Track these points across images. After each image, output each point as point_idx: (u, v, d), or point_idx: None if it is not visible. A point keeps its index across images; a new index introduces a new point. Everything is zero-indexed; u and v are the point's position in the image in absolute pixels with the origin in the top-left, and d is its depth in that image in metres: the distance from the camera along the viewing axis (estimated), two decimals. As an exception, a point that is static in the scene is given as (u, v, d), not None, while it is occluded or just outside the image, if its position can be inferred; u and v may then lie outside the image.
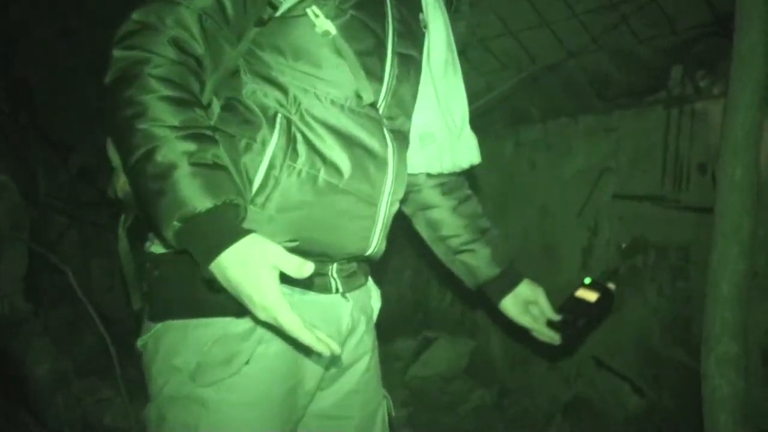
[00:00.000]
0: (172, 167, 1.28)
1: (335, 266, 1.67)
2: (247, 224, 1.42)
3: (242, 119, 1.51)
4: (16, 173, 4.15)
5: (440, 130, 1.85)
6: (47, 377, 3.89)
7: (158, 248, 1.54)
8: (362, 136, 1.59)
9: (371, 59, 1.59)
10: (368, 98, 1.56)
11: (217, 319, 1.48)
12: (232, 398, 1.48)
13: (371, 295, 1.89)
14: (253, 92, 1.53)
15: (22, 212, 4.10)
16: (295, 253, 1.45)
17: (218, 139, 1.43)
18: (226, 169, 1.36)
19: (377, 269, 1.95)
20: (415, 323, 5.52)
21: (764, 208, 2.38)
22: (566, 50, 3.53)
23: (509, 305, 2.04)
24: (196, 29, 1.39)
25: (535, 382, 4.19)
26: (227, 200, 1.31)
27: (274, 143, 1.48)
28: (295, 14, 1.50)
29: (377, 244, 1.69)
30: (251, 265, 1.26)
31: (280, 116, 1.50)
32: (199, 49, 1.41)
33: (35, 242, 4.11)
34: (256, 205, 1.47)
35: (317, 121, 1.53)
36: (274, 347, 1.52)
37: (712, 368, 2.28)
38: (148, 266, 1.57)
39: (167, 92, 1.32)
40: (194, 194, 1.27)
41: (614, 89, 3.60)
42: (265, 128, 1.50)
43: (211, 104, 1.54)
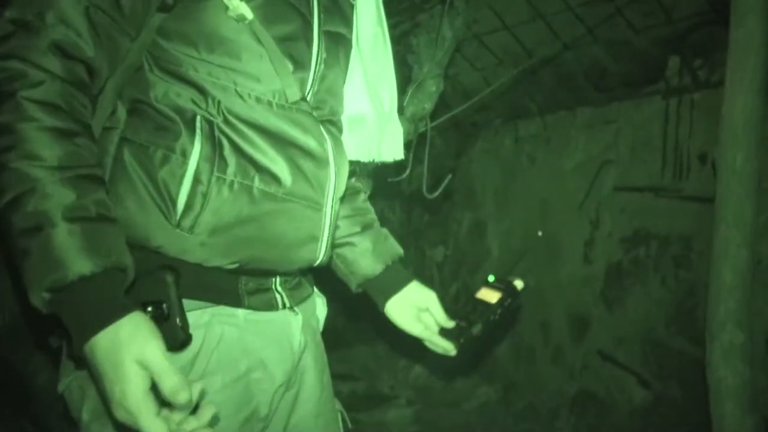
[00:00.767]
0: (44, 222, 1.06)
1: (278, 279, 1.49)
2: (174, 251, 1.28)
3: (155, 126, 1.29)
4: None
5: (370, 114, 1.65)
6: (48, 386, 3.87)
7: None
8: (295, 133, 1.38)
9: (297, 44, 1.39)
10: (293, 96, 1.36)
11: None
12: None
13: (317, 303, 1.70)
14: (164, 93, 1.30)
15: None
16: (238, 273, 1.38)
17: (128, 151, 1.28)
18: (111, 221, 1.15)
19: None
20: (418, 321, 5.51)
21: (765, 194, 2.37)
22: (562, 43, 3.52)
23: (395, 311, 1.74)
24: (83, 25, 1.16)
25: (539, 376, 4.18)
26: (110, 265, 1.09)
27: (197, 153, 1.27)
28: None
29: (326, 251, 1.50)
30: (120, 354, 1.04)
31: (199, 119, 1.29)
32: (88, 50, 1.18)
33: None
34: (183, 228, 1.27)
35: (243, 122, 1.32)
36: (219, 380, 1.34)
37: (717, 357, 2.27)
38: None
39: (46, 121, 1.10)
40: (70, 258, 1.06)
41: (611, 80, 3.60)
42: (184, 135, 1.28)
43: (115, 110, 1.31)
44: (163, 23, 1.28)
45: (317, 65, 1.44)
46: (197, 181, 1.27)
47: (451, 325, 1.68)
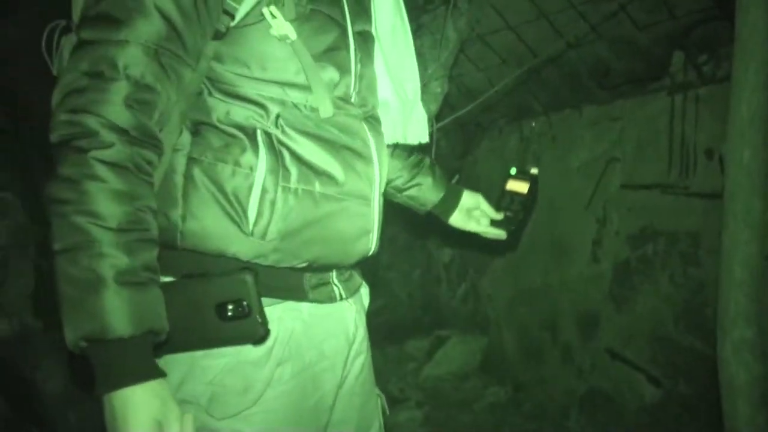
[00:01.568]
0: (96, 281, 1.15)
1: (335, 272, 1.59)
2: (250, 256, 1.39)
3: (221, 144, 1.38)
4: (19, 191, 4.15)
5: (393, 100, 1.77)
6: (58, 394, 3.89)
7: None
8: (345, 136, 1.50)
9: (339, 53, 1.49)
10: (326, 112, 1.45)
11: (227, 348, 1.38)
12: (253, 428, 1.41)
13: (363, 293, 1.81)
14: (225, 113, 1.39)
15: (27, 229, 4.10)
16: (303, 271, 1.50)
17: (197, 169, 1.37)
18: (155, 284, 1.23)
19: (386, 271, 1.93)
20: (426, 323, 5.52)
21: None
22: (566, 42, 3.51)
23: (457, 219, 2.14)
24: (153, 69, 1.25)
25: (549, 375, 4.17)
26: (147, 329, 1.18)
27: (262, 165, 1.37)
28: (253, 20, 1.37)
29: (376, 241, 1.63)
30: (140, 409, 1.16)
31: (260, 133, 1.39)
32: (159, 90, 1.26)
33: (42, 259, 4.11)
34: (256, 236, 1.38)
35: (299, 131, 1.42)
36: (289, 369, 1.45)
37: (728, 354, 2.26)
38: None
39: (112, 183, 1.18)
40: (113, 320, 1.14)
41: (616, 78, 3.59)
42: (248, 150, 1.37)
43: (180, 134, 1.39)
44: (216, 49, 1.38)
45: (356, 66, 1.54)
46: (265, 191, 1.38)
47: (499, 216, 2.10)
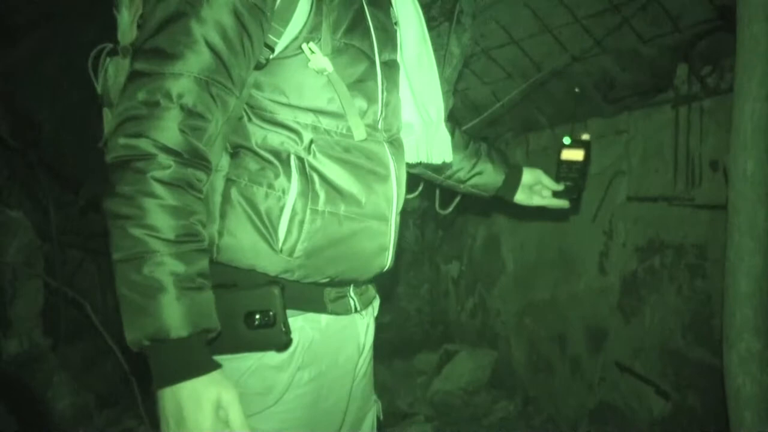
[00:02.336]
0: (157, 287, 1.27)
1: (352, 286, 1.68)
2: (277, 271, 1.49)
3: (257, 167, 1.49)
4: (29, 210, 4.18)
5: (417, 122, 1.85)
6: (69, 411, 3.91)
7: None
8: (370, 162, 1.59)
9: (369, 84, 1.59)
10: (360, 135, 1.55)
11: (252, 353, 1.49)
12: (271, 428, 1.50)
13: (374, 306, 1.88)
14: (263, 139, 1.49)
15: (36, 248, 4.13)
16: (326, 285, 1.59)
17: (235, 190, 1.48)
18: (208, 288, 1.35)
19: (394, 287, 1.94)
20: (435, 337, 5.52)
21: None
22: (570, 55, 3.52)
23: (520, 197, 2.22)
24: (203, 99, 1.35)
25: (558, 389, 4.16)
26: (202, 328, 1.31)
27: (294, 189, 1.47)
28: (291, 53, 1.47)
29: (392, 257, 1.71)
30: (202, 396, 1.28)
31: (293, 158, 1.48)
32: (209, 116, 1.36)
33: (51, 277, 4.13)
34: (284, 253, 1.48)
35: (329, 156, 1.52)
36: (307, 374, 1.55)
37: (734, 365, 2.26)
38: None
39: (168, 200, 1.29)
40: (174, 321, 1.27)
41: (620, 90, 3.59)
42: (282, 175, 1.48)
43: (222, 156, 1.51)
44: (257, 78, 1.48)
45: (383, 95, 1.64)
46: (295, 213, 1.48)
47: (561, 187, 2.17)
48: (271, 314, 1.43)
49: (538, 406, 4.32)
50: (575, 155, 2.16)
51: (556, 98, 4.00)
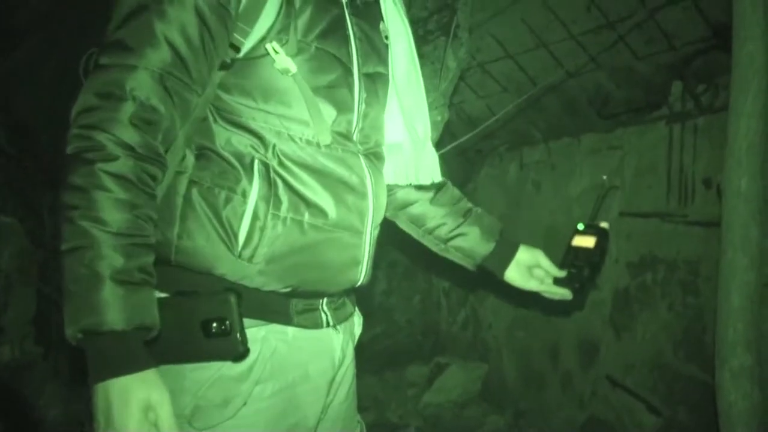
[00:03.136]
0: (94, 279, 1.25)
1: (325, 300, 1.64)
2: (236, 278, 1.46)
3: (219, 170, 1.47)
4: (22, 216, 4.16)
5: (406, 142, 1.80)
6: (60, 420, 3.88)
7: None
8: (340, 171, 1.56)
9: (340, 91, 1.56)
10: (325, 140, 1.52)
11: (213, 363, 1.45)
12: None
13: (355, 322, 1.84)
14: (227, 141, 1.48)
15: (29, 255, 4.11)
16: (290, 296, 1.55)
17: (196, 192, 1.46)
18: (149, 285, 1.33)
19: (386, 297, 1.91)
20: (426, 349, 5.51)
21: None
22: (565, 70, 3.54)
23: (513, 275, 1.99)
24: (158, 92, 1.35)
25: (549, 403, 4.16)
26: (138, 324, 1.28)
27: (255, 193, 1.45)
28: (258, 54, 1.45)
29: (366, 272, 1.67)
30: (130, 395, 1.26)
31: (257, 163, 1.47)
32: (163, 112, 1.36)
33: (44, 284, 4.11)
34: (243, 258, 1.45)
35: (295, 163, 1.50)
36: (270, 388, 1.51)
37: (726, 381, 2.27)
38: None
39: (116, 193, 1.29)
40: (107, 315, 1.24)
41: (615, 107, 3.62)
42: (244, 178, 1.46)
43: (185, 156, 1.49)
44: (223, 79, 1.47)
45: (359, 105, 1.60)
46: (256, 217, 1.45)
47: (563, 274, 1.95)
48: (227, 323, 1.40)
49: (528, 419, 4.32)
50: (586, 242, 1.99)
51: (550, 113, 4.02)
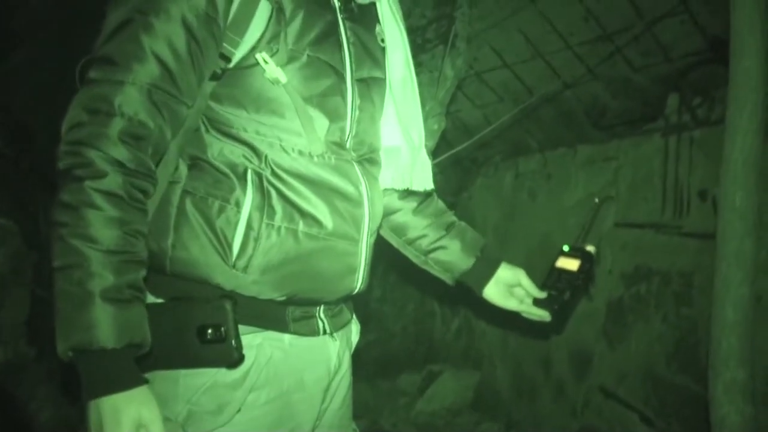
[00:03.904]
0: (84, 297, 1.25)
1: (322, 307, 1.63)
2: (231, 287, 1.45)
3: (213, 180, 1.46)
4: (17, 218, 4.16)
5: (403, 146, 1.77)
6: (52, 423, 3.87)
7: (147, 297, 1.45)
8: (334, 180, 1.55)
9: (333, 99, 1.54)
10: (317, 150, 1.51)
11: (208, 369, 1.45)
12: None
13: (352, 330, 1.84)
14: (219, 151, 1.47)
15: (24, 256, 4.11)
16: (286, 303, 1.54)
17: (189, 202, 1.45)
18: (140, 301, 1.33)
19: (380, 305, 1.90)
20: (419, 357, 5.50)
21: (766, 230, 2.39)
22: (562, 81, 3.55)
23: (492, 293, 1.94)
24: (146, 107, 1.33)
25: (542, 413, 4.16)
26: (128, 342, 1.28)
27: (249, 203, 1.45)
28: (249, 63, 1.44)
29: (363, 279, 1.66)
30: (122, 413, 1.26)
31: (250, 173, 1.46)
32: (152, 126, 1.35)
33: (38, 286, 4.11)
34: (238, 269, 1.45)
35: (288, 173, 1.49)
36: (264, 395, 1.51)
37: (719, 394, 2.27)
38: None
39: (107, 211, 1.28)
40: (98, 331, 1.24)
41: (611, 118, 3.63)
42: (237, 188, 1.45)
43: (178, 166, 1.49)
44: (214, 89, 1.46)
45: (353, 112, 1.59)
46: (249, 227, 1.45)
47: (543, 295, 1.90)
48: (222, 329, 1.40)
49: (521, 429, 4.31)
50: (570, 264, 1.95)
51: (546, 123, 4.03)
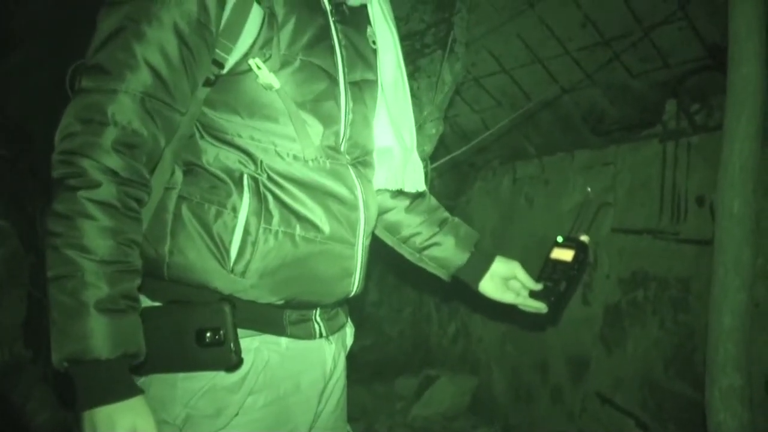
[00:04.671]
0: (78, 307, 1.25)
1: (318, 310, 1.64)
2: (229, 291, 1.46)
3: (209, 185, 1.47)
4: (15, 219, 4.15)
5: (395, 147, 1.78)
6: (48, 426, 3.86)
7: (145, 301, 1.47)
8: (330, 184, 1.55)
9: (326, 103, 1.55)
10: (311, 155, 1.51)
11: (206, 372, 1.45)
12: None
13: (347, 333, 1.84)
14: (215, 157, 1.47)
15: (21, 258, 4.10)
16: (283, 307, 1.55)
17: (185, 207, 1.45)
18: (134, 310, 1.33)
19: (376, 309, 1.90)
20: (416, 361, 5.50)
21: (763, 237, 2.39)
22: (560, 86, 3.56)
23: (488, 287, 1.96)
24: (139, 115, 1.34)
25: (538, 418, 4.16)
26: (123, 352, 1.28)
27: (245, 208, 1.45)
28: (242, 69, 1.44)
29: (359, 282, 1.67)
30: (116, 424, 1.27)
31: (247, 178, 1.46)
32: (146, 133, 1.35)
33: (34, 288, 4.10)
34: (236, 273, 1.45)
35: (284, 177, 1.49)
36: (262, 399, 1.51)
37: (716, 401, 2.27)
38: None
39: (102, 221, 1.28)
40: (91, 343, 1.25)
41: (609, 123, 3.63)
42: (233, 193, 1.45)
43: (173, 172, 1.49)
44: (208, 95, 1.46)
45: (346, 116, 1.59)
46: (247, 232, 1.45)
47: (538, 287, 1.91)
48: (221, 333, 1.40)
49: (517, 434, 4.32)
50: (564, 255, 1.94)
51: (544, 128, 4.03)
